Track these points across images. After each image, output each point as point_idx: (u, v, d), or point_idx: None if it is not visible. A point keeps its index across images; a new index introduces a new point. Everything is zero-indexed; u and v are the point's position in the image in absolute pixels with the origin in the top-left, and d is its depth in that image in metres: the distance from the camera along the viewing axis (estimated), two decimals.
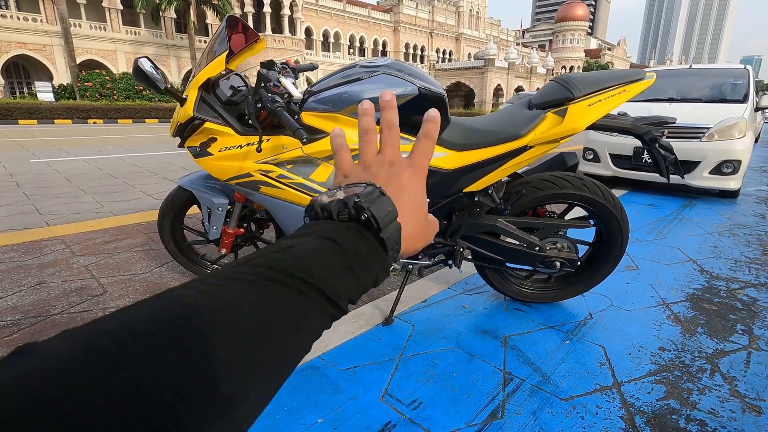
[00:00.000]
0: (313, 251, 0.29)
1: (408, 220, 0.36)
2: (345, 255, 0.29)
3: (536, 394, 1.25)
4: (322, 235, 0.30)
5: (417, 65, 43.78)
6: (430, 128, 0.39)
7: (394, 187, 0.36)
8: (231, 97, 1.54)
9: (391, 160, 0.38)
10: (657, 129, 1.43)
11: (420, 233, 0.37)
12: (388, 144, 0.38)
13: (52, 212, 3.23)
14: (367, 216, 0.32)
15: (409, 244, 0.36)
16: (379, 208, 0.32)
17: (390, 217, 0.33)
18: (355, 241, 0.31)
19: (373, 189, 0.33)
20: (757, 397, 1.26)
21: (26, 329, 1.58)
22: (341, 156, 0.40)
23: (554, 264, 1.58)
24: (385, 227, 0.32)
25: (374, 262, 0.31)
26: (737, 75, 4.68)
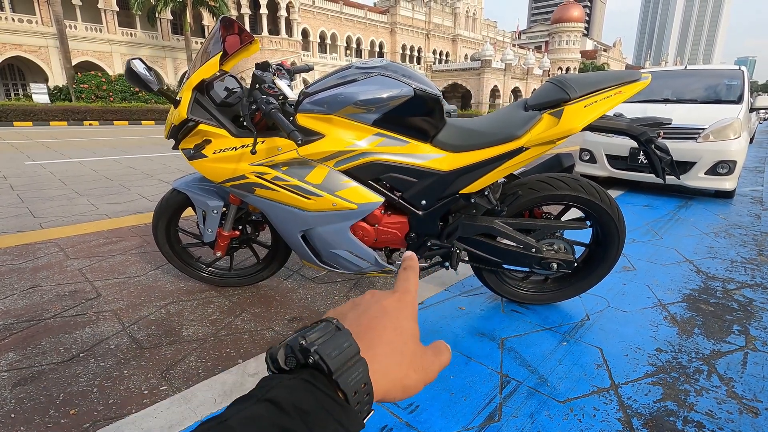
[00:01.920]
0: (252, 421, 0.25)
1: (388, 349, 0.31)
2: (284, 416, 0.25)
3: (533, 396, 1.25)
4: (261, 397, 0.26)
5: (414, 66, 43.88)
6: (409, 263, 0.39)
7: (372, 312, 0.33)
8: (225, 98, 1.53)
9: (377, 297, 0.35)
10: (653, 130, 1.43)
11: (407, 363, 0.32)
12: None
13: (46, 215, 3.20)
14: (314, 358, 0.27)
15: (397, 379, 0.31)
16: (328, 346, 0.28)
17: (346, 354, 0.28)
18: (299, 395, 0.26)
19: (327, 324, 0.30)
20: (755, 398, 1.26)
21: (18, 333, 1.56)
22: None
23: (551, 265, 1.58)
24: (339, 367, 0.27)
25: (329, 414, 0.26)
26: (732, 76, 4.71)
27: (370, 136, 1.39)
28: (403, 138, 1.41)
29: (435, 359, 0.34)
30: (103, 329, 1.60)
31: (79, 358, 1.42)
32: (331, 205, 1.42)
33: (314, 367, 0.28)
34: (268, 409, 0.26)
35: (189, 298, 1.87)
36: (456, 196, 1.48)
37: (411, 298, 0.36)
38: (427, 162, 1.42)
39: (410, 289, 0.36)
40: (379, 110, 1.35)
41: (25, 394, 1.24)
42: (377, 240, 1.55)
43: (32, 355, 1.43)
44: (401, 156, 1.41)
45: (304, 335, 0.29)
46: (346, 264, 1.57)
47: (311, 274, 2.16)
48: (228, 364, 1.39)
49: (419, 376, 0.32)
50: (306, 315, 1.74)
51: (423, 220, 1.51)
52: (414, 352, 0.33)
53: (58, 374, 1.34)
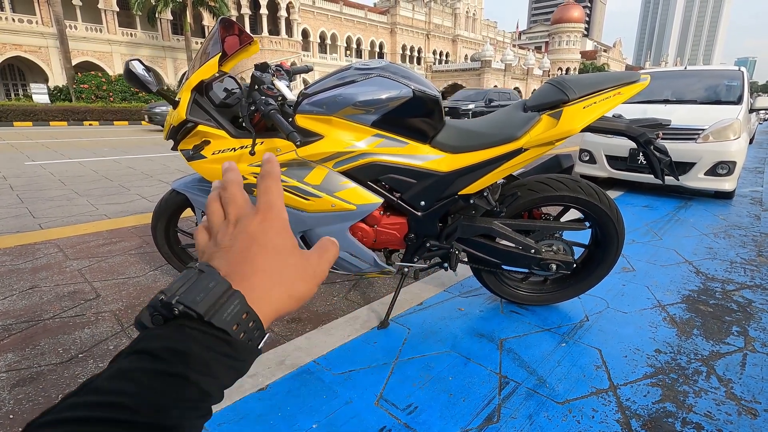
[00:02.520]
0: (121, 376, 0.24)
1: (266, 271, 0.31)
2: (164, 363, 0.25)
3: (532, 397, 1.25)
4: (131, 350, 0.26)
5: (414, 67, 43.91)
6: (267, 168, 0.35)
7: (240, 242, 0.32)
8: (224, 99, 1.53)
9: (236, 218, 0.34)
10: (652, 131, 1.43)
11: (293, 276, 0.32)
12: (228, 204, 0.34)
13: (45, 215, 3.21)
14: (179, 309, 0.27)
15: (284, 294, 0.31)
16: (191, 292, 0.28)
17: (213, 294, 0.28)
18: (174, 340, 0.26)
19: (187, 272, 0.29)
20: (753, 399, 1.26)
21: (17, 334, 1.56)
22: (198, 237, 0.36)
23: (550, 266, 1.58)
24: (209, 309, 0.27)
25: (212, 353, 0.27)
26: (732, 76, 4.71)
27: (369, 137, 1.39)
28: (402, 139, 1.41)
29: (321, 259, 0.35)
30: (102, 330, 1.60)
31: (78, 359, 1.42)
32: (330, 206, 1.42)
33: (183, 316, 0.27)
34: (138, 359, 0.25)
35: None
36: (455, 197, 1.48)
37: (275, 212, 0.34)
38: (426, 163, 1.42)
39: (273, 202, 0.34)
40: (378, 111, 1.35)
41: (24, 395, 1.24)
42: (376, 241, 1.55)
43: (31, 356, 1.43)
44: (400, 157, 1.41)
45: (164, 291, 0.28)
46: (345, 265, 1.56)
47: None
48: None
49: (308, 282, 0.33)
50: (305, 315, 1.74)
51: (422, 221, 1.51)
52: (296, 263, 0.33)
53: (56, 375, 1.34)
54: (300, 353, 1.43)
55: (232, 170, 0.36)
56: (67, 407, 0.23)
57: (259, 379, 1.29)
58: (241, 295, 0.29)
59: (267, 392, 1.24)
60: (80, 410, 0.23)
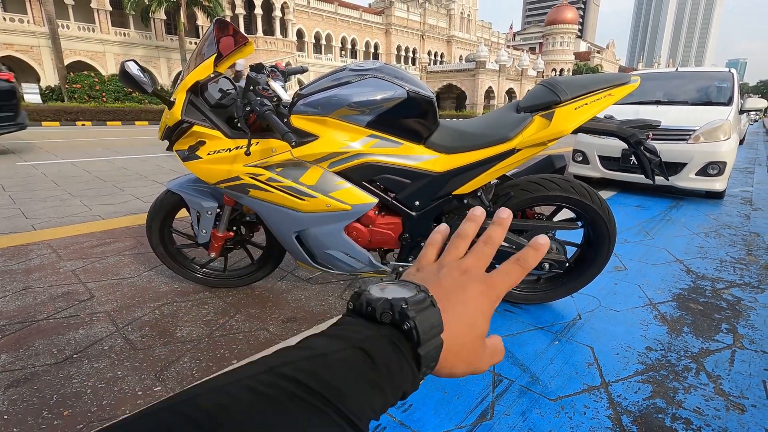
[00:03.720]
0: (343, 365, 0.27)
1: (456, 336, 0.32)
2: (376, 370, 0.27)
3: (525, 394, 1.26)
4: (356, 344, 0.28)
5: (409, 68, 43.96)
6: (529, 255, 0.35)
7: (456, 297, 0.33)
8: (220, 100, 1.54)
9: (467, 269, 0.35)
10: (642, 132, 1.46)
11: (465, 356, 0.33)
12: (474, 254, 0.36)
13: (38, 216, 3.18)
14: (409, 326, 0.29)
15: (449, 363, 0.32)
16: (424, 321, 0.29)
17: (434, 332, 0.30)
18: (389, 355, 0.28)
19: (425, 297, 0.31)
20: (741, 395, 1.29)
21: (11, 335, 1.56)
22: (427, 251, 0.38)
23: (543, 265, 1.60)
24: (425, 342, 0.29)
25: (404, 379, 0.29)
26: (722, 78, 4.77)
27: (364, 138, 1.40)
28: (397, 139, 1.42)
29: (488, 358, 0.35)
30: (96, 330, 1.60)
31: (73, 360, 1.42)
32: (326, 206, 1.43)
33: (404, 331, 0.29)
34: (363, 359, 0.27)
35: (183, 299, 1.87)
36: (449, 197, 1.50)
37: (496, 296, 0.34)
38: (421, 163, 1.43)
39: (501, 286, 0.34)
40: (373, 112, 1.36)
41: (18, 396, 1.24)
42: (371, 241, 1.56)
43: (25, 357, 1.43)
44: (395, 157, 1.42)
45: (407, 300, 0.30)
46: (340, 265, 1.57)
47: (305, 274, 2.16)
48: (222, 365, 1.39)
49: (468, 369, 0.34)
50: (300, 315, 1.75)
51: (416, 221, 1.52)
52: (475, 350, 0.33)
53: (51, 376, 1.33)
54: None
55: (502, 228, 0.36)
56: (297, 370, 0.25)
57: None
58: (443, 344, 0.31)
59: None
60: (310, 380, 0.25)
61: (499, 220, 0.37)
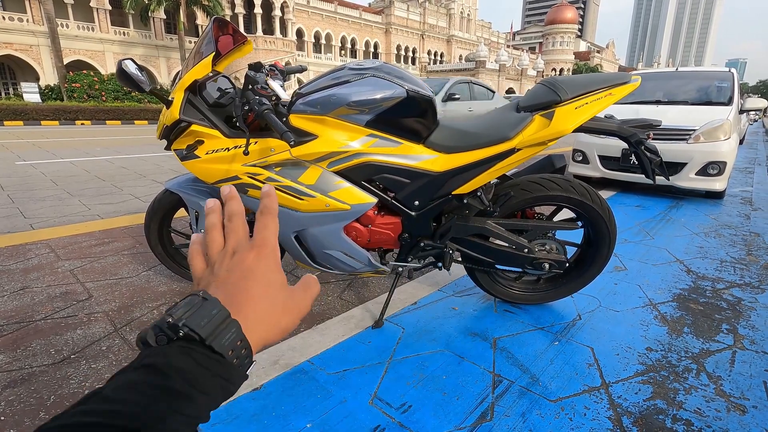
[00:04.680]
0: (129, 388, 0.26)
1: (258, 304, 0.34)
2: (168, 379, 0.27)
3: (525, 395, 1.26)
4: (137, 365, 0.27)
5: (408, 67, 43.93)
6: (266, 203, 0.37)
7: (236, 274, 0.34)
8: (218, 99, 1.53)
9: (233, 250, 0.36)
10: (642, 131, 1.45)
11: (280, 310, 0.35)
12: (230, 234, 0.37)
13: (37, 215, 3.17)
14: (184, 331, 0.29)
15: (271, 325, 0.34)
16: (196, 317, 0.30)
17: (215, 320, 0.30)
18: (176, 358, 0.28)
19: (192, 298, 0.32)
20: (742, 396, 1.28)
21: (8, 335, 1.55)
22: (194, 263, 0.38)
23: (543, 265, 1.59)
24: (210, 333, 0.29)
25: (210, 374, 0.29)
26: (722, 78, 4.76)
27: (363, 137, 1.39)
28: (396, 139, 1.41)
29: (305, 295, 0.37)
30: (94, 331, 1.59)
31: (71, 360, 1.41)
32: (325, 205, 1.43)
33: (185, 338, 0.29)
34: (146, 373, 0.27)
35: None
36: (449, 197, 1.49)
37: (269, 249, 0.36)
38: (420, 163, 1.42)
39: (268, 237, 0.36)
40: (372, 111, 1.35)
41: (15, 397, 1.23)
42: (370, 240, 1.55)
43: (22, 357, 1.42)
44: (394, 157, 1.41)
45: (171, 313, 0.30)
46: (339, 264, 1.57)
47: (304, 274, 2.15)
48: None
49: (292, 316, 0.36)
50: None
51: (416, 221, 1.51)
52: (284, 299, 0.35)
53: (48, 376, 1.33)
54: (294, 353, 1.43)
55: (235, 199, 0.37)
56: (77, 413, 0.24)
57: (253, 379, 1.29)
58: (238, 324, 0.31)
59: (261, 392, 1.24)
60: (91, 416, 0.24)
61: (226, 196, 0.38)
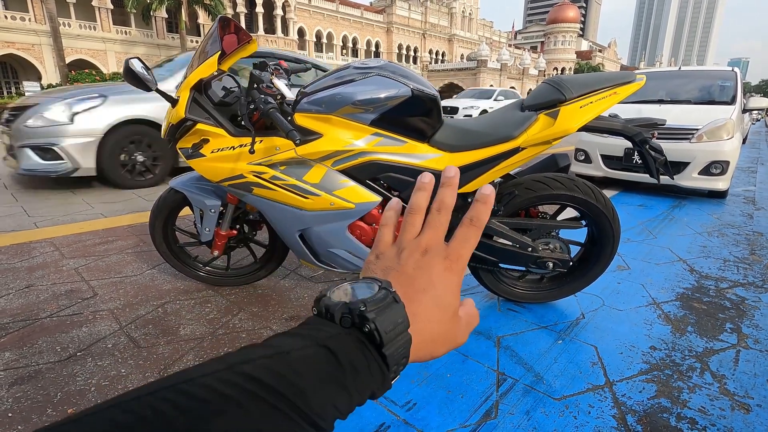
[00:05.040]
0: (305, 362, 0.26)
1: (428, 324, 0.31)
2: (340, 369, 0.27)
3: (529, 393, 1.26)
4: (320, 342, 0.27)
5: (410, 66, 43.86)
6: (480, 211, 0.33)
7: (419, 282, 0.32)
8: (223, 98, 1.53)
9: (427, 247, 0.33)
10: (647, 130, 1.45)
11: (442, 338, 0.32)
12: (430, 227, 0.34)
13: (41, 214, 3.19)
14: (370, 329, 0.28)
15: (426, 350, 0.32)
16: (385, 320, 0.29)
17: (398, 329, 0.29)
18: (355, 353, 0.28)
19: (386, 294, 0.30)
20: (746, 394, 1.28)
21: (14, 333, 1.56)
22: (383, 233, 0.36)
23: (547, 264, 1.59)
24: (390, 342, 0.28)
25: (372, 378, 0.28)
26: (725, 77, 4.75)
27: (368, 136, 1.39)
28: (401, 138, 1.42)
29: (465, 329, 0.34)
30: (99, 328, 1.60)
31: (77, 358, 1.42)
32: (329, 204, 1.43)
33: (366, 333, 0.28)
34: (326, 357, 0.27)
35: (186, 297, 1.87)
36: None
37: (461, 267, 0.33)
38: (425, 162, 1.43)
39: (463, 254, 0.33)
40: (377, 110, 1.36)
41: (22, 394, 1.24)
42: None
43: (29, 355, 1.43)
44: (399, 156, 1.42)
45: (365, 301, 0.29)
46: (343, 263, 1.57)
47: (308, 273, 2.16)
48: None
49: (448, 346, 0.33)
50: (303, 314, 1.75)
51: None
52: (450, 328, 0.33)
53: (55, 373, 1.33)
54: None
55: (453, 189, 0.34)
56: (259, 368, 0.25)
57: None
58: (411, 340, 0.30)
59: None
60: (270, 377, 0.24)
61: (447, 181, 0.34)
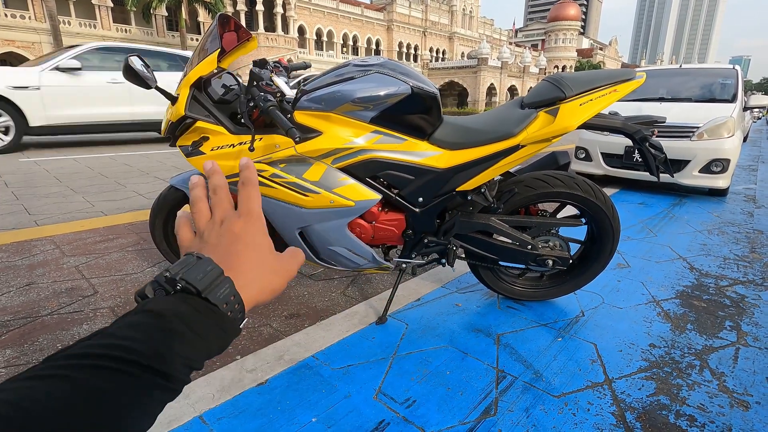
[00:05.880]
0: (130, 327, 0.28)
1: (250, 265, 0.36)
2: (167, 321, 0.29)
3: (529, 391, 1.26)
4: (139, 309, 0.30)
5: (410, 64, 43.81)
6: (246, 175, 0.40)
7: (226, 240, 0.37)
8: (223, 95, 1.53)
9: (221, 219, 0.39)
10: (647, 128, 1.45)
11: (271, 272, 0.38)
12: (216, 206, 0.39)
13: (41, 212, 3.19)
14: (181, 285, 0.31)
15: (264, 284, 0.36)
16: (192, 272, 0.32)
17: (210, 276, 0.32)
18: (176, 305, 0.30)
19: (187, 257, 0.34)
20: (745, 392, 1.29)
21: (15, 330, 1.56)
22: (181, 234, 0.40)
23: (546, 262, 1.59)
24: (206, 287, 0.32)
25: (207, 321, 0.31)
26: (726, 75, 4.74)
27: (368, 134, 1.39)
28: (401, 135, 1.42)
29: (292, 260, 0.40)
30: (100, 326, 1.60)
31: None
32: (329, 202, 1.43)
33: (183, 291, 0.32)
34: (147, 317, 0.29)
35: None
36: (453, 194, 1.49)
37: (255, 216, 0.39)
38: (424, 159, 1.43)
39: (252, 207, 0.39)
40: (377, 108, 1.35)
41: None
42: (374, 237, 1.56)
43: (29, 352, 1.43)
44: (398, 153, 1.42)
45: (168, 269, 0.32)
46: (343, 261, 1.57)
47: (308, 271, 2.16)
48: (226, 360, 1.40)
49: (281, 278, 0.38)
50: (303, 312, 1.75)
51: (420, 218, 1.52)
52: (272, 261, 0.38)
53: None
54: (299, 348, 1.44)
55: (218, 174, 0.40)
56: (84, 347, 0.26)
57: (259, 374, 1.30)
58: (231, 280, 0.34)
59: (266, 387, 1.25)
60: (96, 349, 0.26)
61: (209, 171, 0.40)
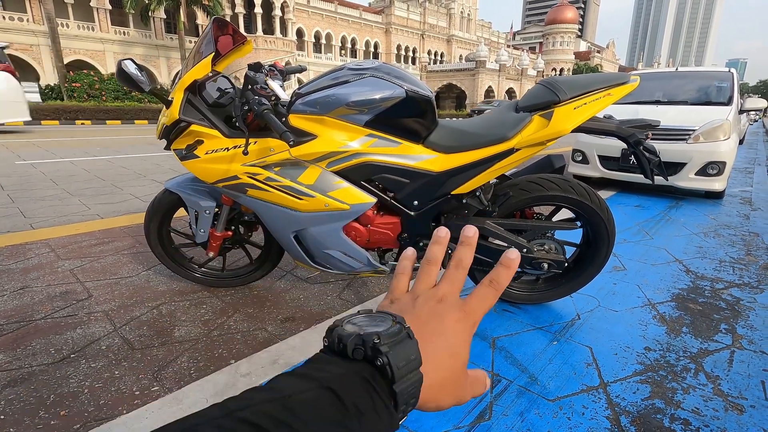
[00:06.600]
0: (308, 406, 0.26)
1: (437, 368, 0.31)
2: (344, 412, 0.26)
3: (524, 395, 1.26)
4: (324, 384, 0.27)
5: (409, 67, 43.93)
6: (501, 274, 0.34)
7: (432, 326, 0.33)
8: (218, 99, 1.53)
9: (442, 297, 0.34)
10: (641, 132, 1.45)
11: (450, 386, 0.32)
12: (447, 280, 0.35)
13: (37, 215, 3.18)
14: (382, 362, 0.28)
15: (433, 396, 0.31)
16: (398, 355, 0.28)
17: (410, 366, 0.29)
18: (360, 394, 0.27)
19: (400, 329, 0.30)
20: (740, 395, 1.28)
21: (8, 334, 1.55)
22: (398, 280, 0.38)
23: (542, 265, 1.59)
24: (401, 378, 0.28)
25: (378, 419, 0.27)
26: (722, 78, 4.77)
27: (363, 137, 1.39)
28: (395, 139, 1.42)
29: (470, 388, 0.35)
30: (94, 330, 1.60)
31: (70, 359, 1.41)
32: (324, 205, 1.43)
33: (378, 367, 0.28)
34: (330, 400, 0.26)
35: (181, 298, 1.86)
36: (448, 197, 1.49)
37: (474, 322, 0.34)
38: (419, 163, 1.43)
39: (478, 311, 0.34)
40: (372, 111, 1.36)
41: (15, 396, 1.24)
42: (370, 240, 1.55)
43: (22, 356, 1.42)
44: (393, 157, 1.42)
45: (379, 334, 0.29)
46: (338, 264, 1.57)
47: (304, 274, 2.16)
48: (220, 365, 1.39)
49: (452, 400, 0.33)
50: (299, 315, 1.75)
51: (415, 221, 1.52)
52: (458, 378, 0.33)
53: (48, 375, 1.33)
54: (294, 352, 1.44)
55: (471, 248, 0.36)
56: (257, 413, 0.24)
57: (253, 378, 1.29)
58: (422, 380, 0.29)
59: None
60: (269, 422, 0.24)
61: (466, 240, 0.36)
